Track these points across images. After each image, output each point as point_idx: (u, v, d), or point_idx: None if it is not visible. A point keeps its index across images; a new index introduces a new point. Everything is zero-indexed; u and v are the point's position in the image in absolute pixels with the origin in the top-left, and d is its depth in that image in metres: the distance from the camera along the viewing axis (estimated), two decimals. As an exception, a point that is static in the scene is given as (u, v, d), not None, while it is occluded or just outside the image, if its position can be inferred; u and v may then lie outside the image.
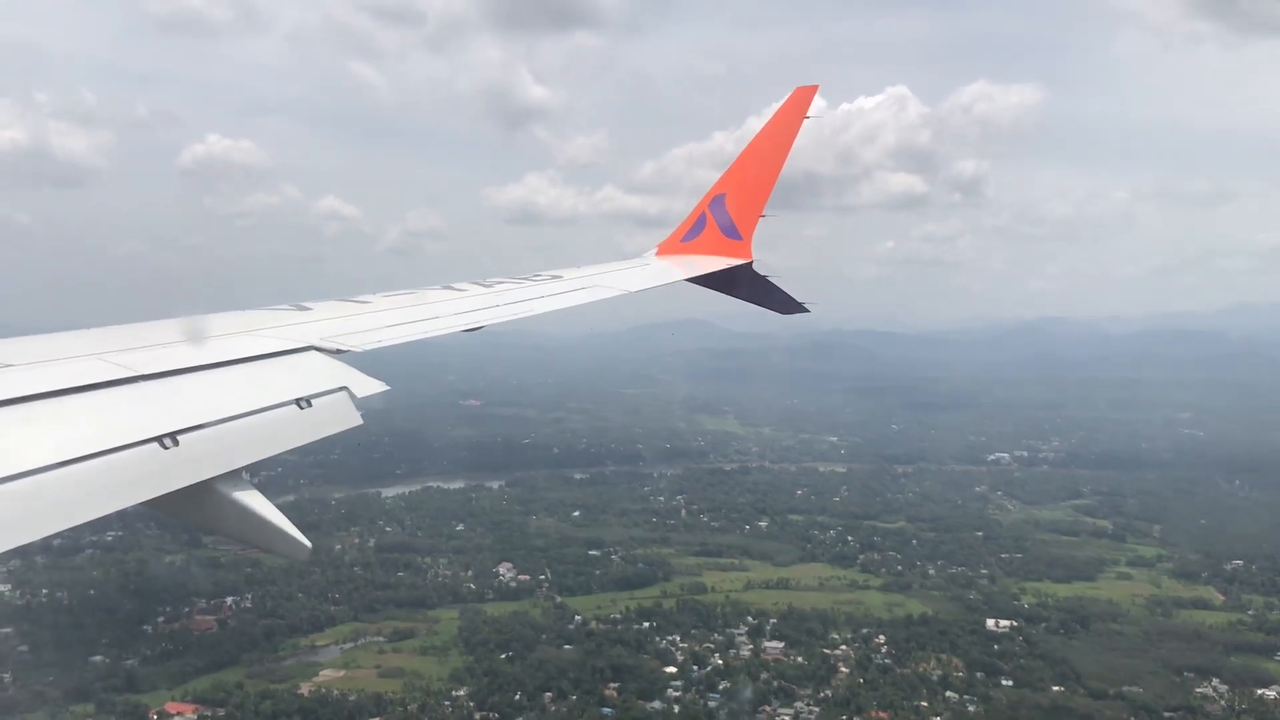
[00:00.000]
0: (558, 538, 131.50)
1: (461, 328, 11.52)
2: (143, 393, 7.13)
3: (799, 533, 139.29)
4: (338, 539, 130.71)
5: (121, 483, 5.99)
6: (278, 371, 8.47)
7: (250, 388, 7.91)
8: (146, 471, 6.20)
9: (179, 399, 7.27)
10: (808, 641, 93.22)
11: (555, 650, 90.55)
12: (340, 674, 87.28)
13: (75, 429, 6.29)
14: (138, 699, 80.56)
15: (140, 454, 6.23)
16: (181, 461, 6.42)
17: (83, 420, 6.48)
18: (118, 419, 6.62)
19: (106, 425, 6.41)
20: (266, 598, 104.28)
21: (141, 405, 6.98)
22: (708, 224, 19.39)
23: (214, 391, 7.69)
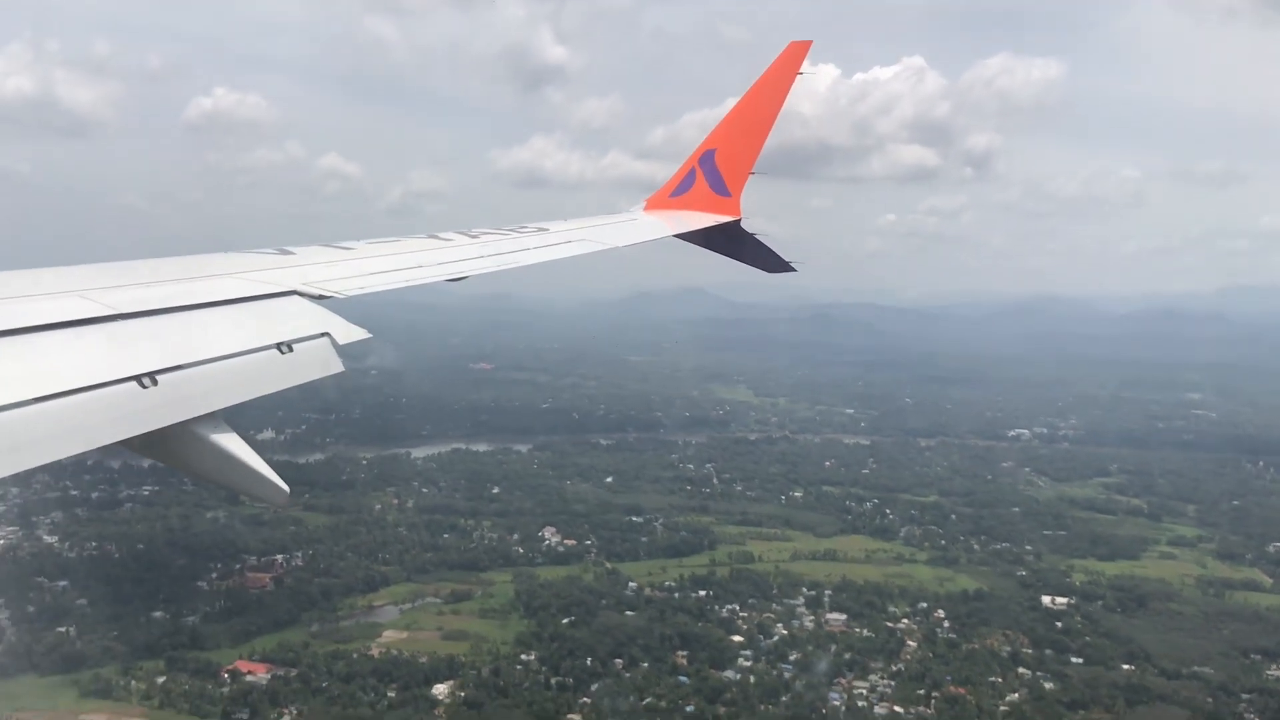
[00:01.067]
0: (597, 504, 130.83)
1: (446, 277, 11.45)
2: (123, 331, 7.07)
3: (836, 504, 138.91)
4: (376, 499, 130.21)
5: (99, 421, 5.94)
6: (259, 315, 8.43)
7: (231, 330, 7.87)
8: (125, 411, 6.13)
9: (159, 339, 7.22)
10: (869, 614, 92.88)
11: (618, 616, 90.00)
12: (403, 635, 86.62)
13: (53, 365, 6.21)
14: (204, 656, 79.76)
15: (119, 392, 6.17)
16: (160, 402, 6.36)
17: (61, 357, 6.42)
18: (97, 357, 6.56)
19: (85, 363, 6.35)
20: (317, 557, 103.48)
21: (121, 344, 6.94)
22: (697, 180, 19.13)
23: (194, 333, 7.61)
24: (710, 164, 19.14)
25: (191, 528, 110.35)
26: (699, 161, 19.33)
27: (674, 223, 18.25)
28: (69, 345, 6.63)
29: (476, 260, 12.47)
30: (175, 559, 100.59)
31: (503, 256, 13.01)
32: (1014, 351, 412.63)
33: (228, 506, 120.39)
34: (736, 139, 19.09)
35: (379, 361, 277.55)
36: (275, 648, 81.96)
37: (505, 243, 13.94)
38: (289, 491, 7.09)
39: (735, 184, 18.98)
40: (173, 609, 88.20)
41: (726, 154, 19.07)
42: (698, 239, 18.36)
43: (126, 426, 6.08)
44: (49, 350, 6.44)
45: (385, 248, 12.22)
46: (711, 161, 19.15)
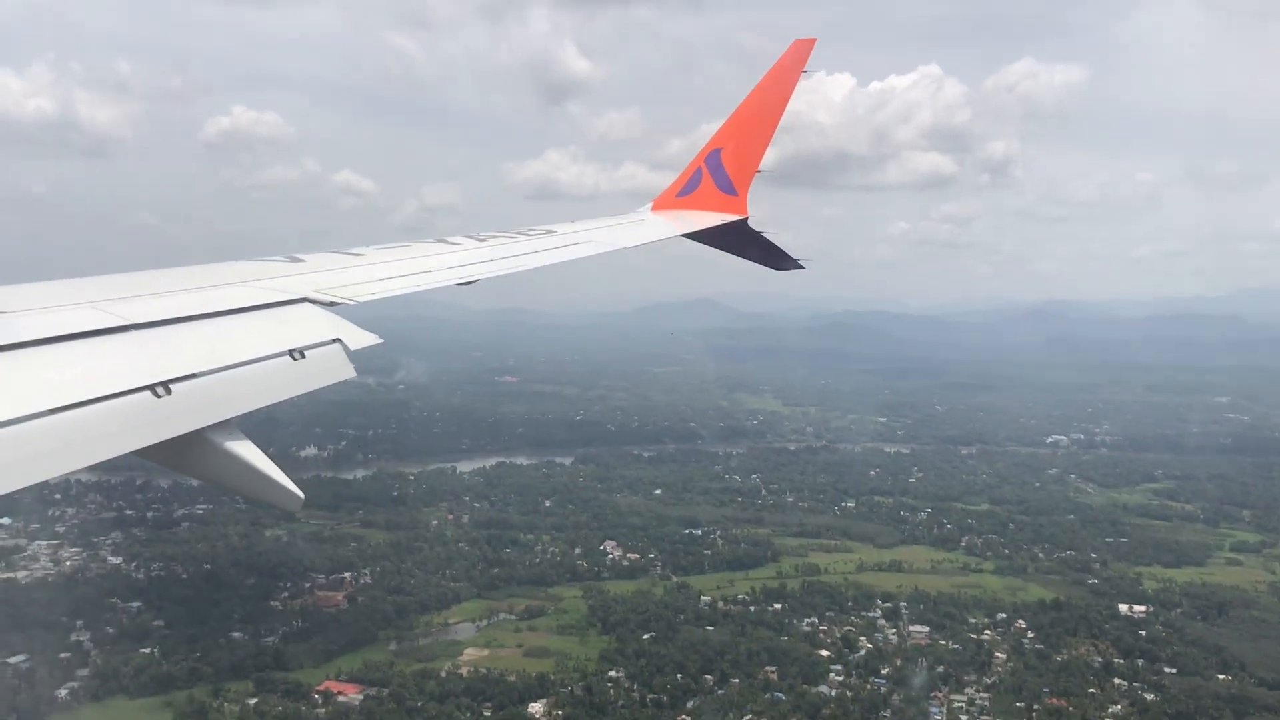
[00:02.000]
0: (652, 517, 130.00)
1: (455, 281, 11.38)
2: (136, 341, 7.11)
3: (890, 515, 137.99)
4: (430, 514, 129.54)
5: (114, 430, 5.93)
6: (271, 322, 8.44)
7: (243, 338, 7.88)
8: (139, 420, 6.14)
9: (172, 348, 7.25)
10: (950, 626, 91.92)
11: (700, 631, 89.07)
12: (484, 653, 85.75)
13: (69, 376, 6.24)
14: (290, 676, 78.89)
15: (133, 402, 6.18)
16: (174, 411, 6.37)
17: (76, 367, 6.45)
18: (111, 367, 6.59)
19: (100, 373, 6.38)
20: (385, 574, 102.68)
21: (135, 354, 6.96)
22: (703, 179, 19.01)
23: (207, 341, 7.65)
24: (716, 163, 19.03)
25: (254, 546, 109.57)
26: (705, 161, 19.20)
27: (681, 223, 18.13)
28: (83, 356, 6.68)
29: (485, 264, 12.31)
30: (244, 579, 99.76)
31: (511, 259, 12.86)
32: (1032, 357, 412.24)
33: (286, 525, 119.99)
34: (742, 138, 18.93)
35: (407, 376, 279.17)
36: (360, 667, 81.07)
37: (513, 245, 13.80)
38: (302, 497, 7.09)
39: (742, 183, 18.81)
40: (250, 629, 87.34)
41: (732, 153, 18.93)
42: (705, 238, 18.23)
43: (141, 436, 6.11)
44: (64, 361, 6.49)
45: (394, 253, 12.17)
46: (718, 161, 19.03)
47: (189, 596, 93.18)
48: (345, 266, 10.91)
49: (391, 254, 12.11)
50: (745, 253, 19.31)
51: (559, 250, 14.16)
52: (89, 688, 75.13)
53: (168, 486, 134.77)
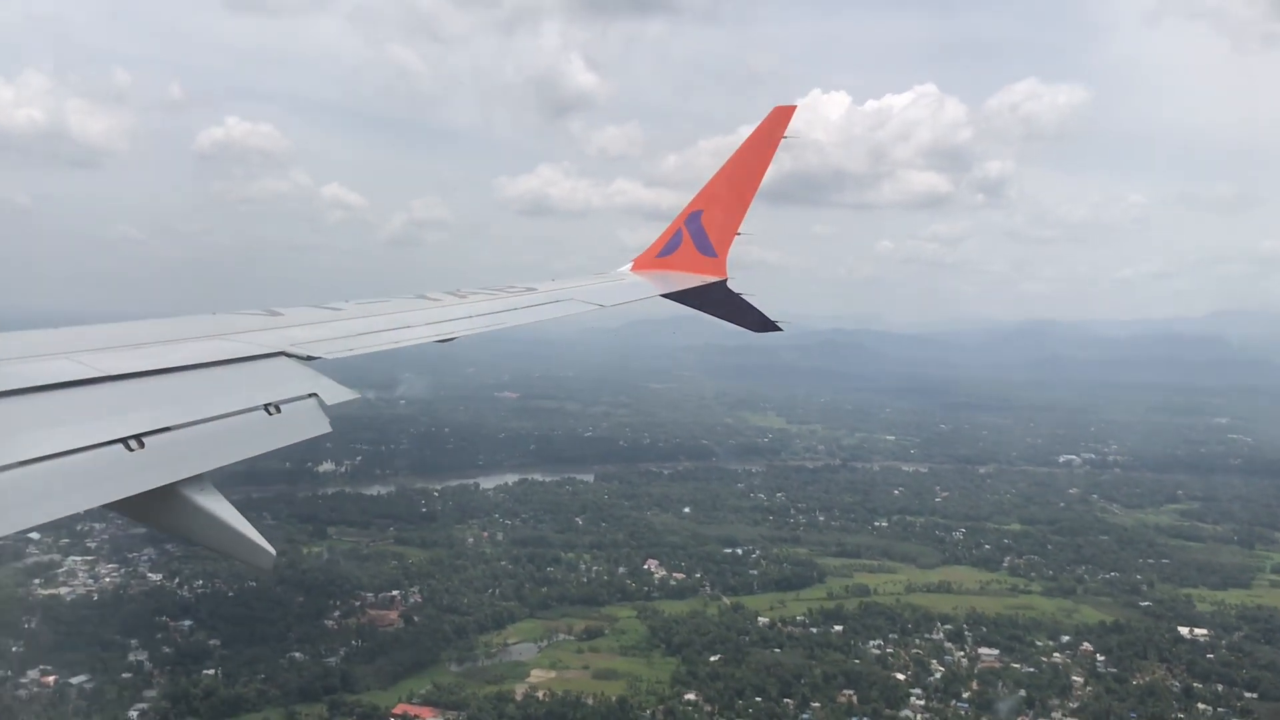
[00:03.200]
0: (689, 535, 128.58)
1: (434, 338, 11.46)
2: (110, 394, 7.06)
3: (925, 535, 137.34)
4: (464, 531, 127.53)
5: (86, 483, 5.88)
6: (247, 376, 8.40)
7: (219, 392, 7.86)
8: (111, 473, 6.09)
9: (146, 401, 7.19)
10: (1017, 648, 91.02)
11: (767, 654, 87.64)
12: (551, 675, 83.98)
13: (40, 428, 6.19)
14: (360, 699, 76.82)
15: (105, 455, 6.14)
16: (147, 464, 6.33)
17: (48, 419, 6.39)
18: (84, 419, 6.51)
19: (72, 425, 6.32)
20: (434, 593, 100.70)
21: (108, 406, 6.90)
22: (684, 240, 19.34)
23: (182, 395, 7.59)
24: (697, 225, 19.29)
25: (297, 564, 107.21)
26: (686, 223, 19.48)
27: (661, 283, 18.42)
28: (56, 408, 6.59)
29: (465, 320, 12.48)
30: (292, 596, 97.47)
31: (491, 316, 13.08)
32: (1024, 377, 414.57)
33: (321, 541, 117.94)
34: (723, 201, 19.24)
35: (408, 391, 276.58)
36: (431, 690, 79.14)
37: (493, 303, 14.04)
38: (274, 554, 6.96)
39: (721, 245, 19.06)
40: (309, 650, 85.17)
41: (713, 215, 19.22)
42: (684, 298, 18.49)
43: (113, 489, 6.01)
44: (36, 413, 6.42)
45: (373, 308, 12.22)
46: (698, 223, 19.29)
47: (241, 615, 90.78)
48: (323, 321, 10.88)
49: (370, 309, 12.11)
50: (723, 313, 19.54)
51: (538, 309, 14.50)
52: (158, 709, 72.77)
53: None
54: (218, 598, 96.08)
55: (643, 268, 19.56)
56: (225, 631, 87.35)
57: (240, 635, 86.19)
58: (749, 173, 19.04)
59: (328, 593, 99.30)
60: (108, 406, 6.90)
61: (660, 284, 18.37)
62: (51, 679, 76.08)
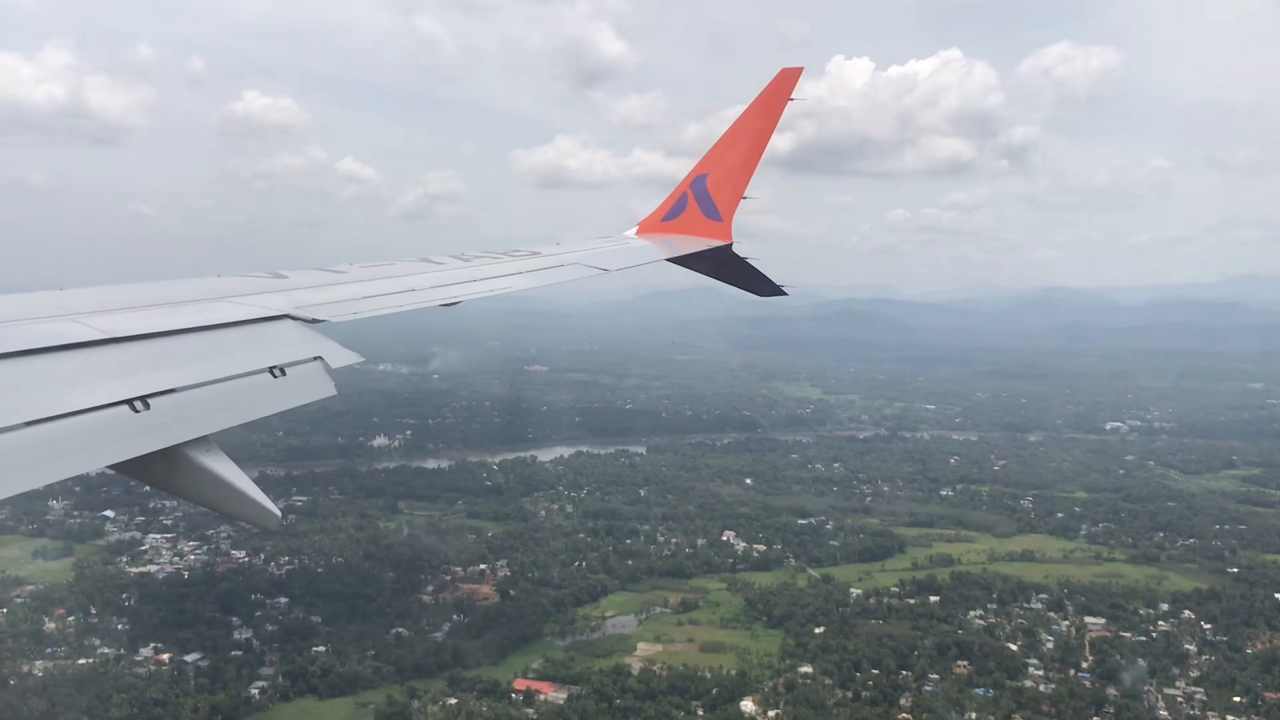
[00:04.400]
0: (760, 507, 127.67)
1: (438, 302, 11.33)
2: (115, 355, 7.02)
3: (994, 502, 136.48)
4: (531, 504, 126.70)
5: (91, 444, 5.83)
6: (252, 339, 8.35)
7: (224, 354, 7.79)
8: (116, 434, 6.03)
9: (151, 363, 7.15)
10: (1120, 617, 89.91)
11: (870, 625, 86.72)
12: (658, 648, 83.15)
13: (46, 389, 6.15)
14: (479, 675, 75.97)
15: (110, 416, 6.08)
16: (152, 426, 6.26)
17: (54, 381, 6.35)
18: (88, 380, 6.47)
19: (77, 387, 6.28)
20: (521, 566, 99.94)
21: (114, 367, 6.84)
22: (689, 204, 19.23)
23: (187, 357, 7.55)
24: (702, 189, 19.15)
25: (379, 539, 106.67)
26: (691, 186, 19.29)
27: (666, 247, 18.27)
28: (62, 369, 6.54)
29: (469, 284, 12.30)
30: (380, 572, 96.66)
31: (496, 280, 12.89)
32: (1048, 344, 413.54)
33: (394, 517, 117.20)
34: (729, 164, 19.06)
35: (442, 366, 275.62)
36: (543, 664, 78.27)
37: (498, 266, 13.85)
38: (280, 515, 6.94)
39: (727, 209, 18.95)
40: (410, 625, 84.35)
41: (718, 179, 19.04)
42: (689, 263, 18.42)
43: (118, 450, 5.97)
44: (42, 374, 6.37)
45: (378, 271, 12.11)
46: (704, 186, 19.14)
47: (335, 591, 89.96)
48: (328, 284, 10.82)
49: (375, 272, 12.01)
50: (728, 277, 19.43)
51: (543, 273, 14.19)
52: (278, 687, 71.95)
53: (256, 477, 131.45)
54: (308, 574, 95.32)
55: (648, 231, 19.41)
56: (323, 609, 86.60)
57: (340, 612, 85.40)
58: (755, 135, 18.76)
59: (415, 567, 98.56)
60: (112, 368, 6.83)
61: (665, 248, 18.17)
62: (166, 656, 75.43)
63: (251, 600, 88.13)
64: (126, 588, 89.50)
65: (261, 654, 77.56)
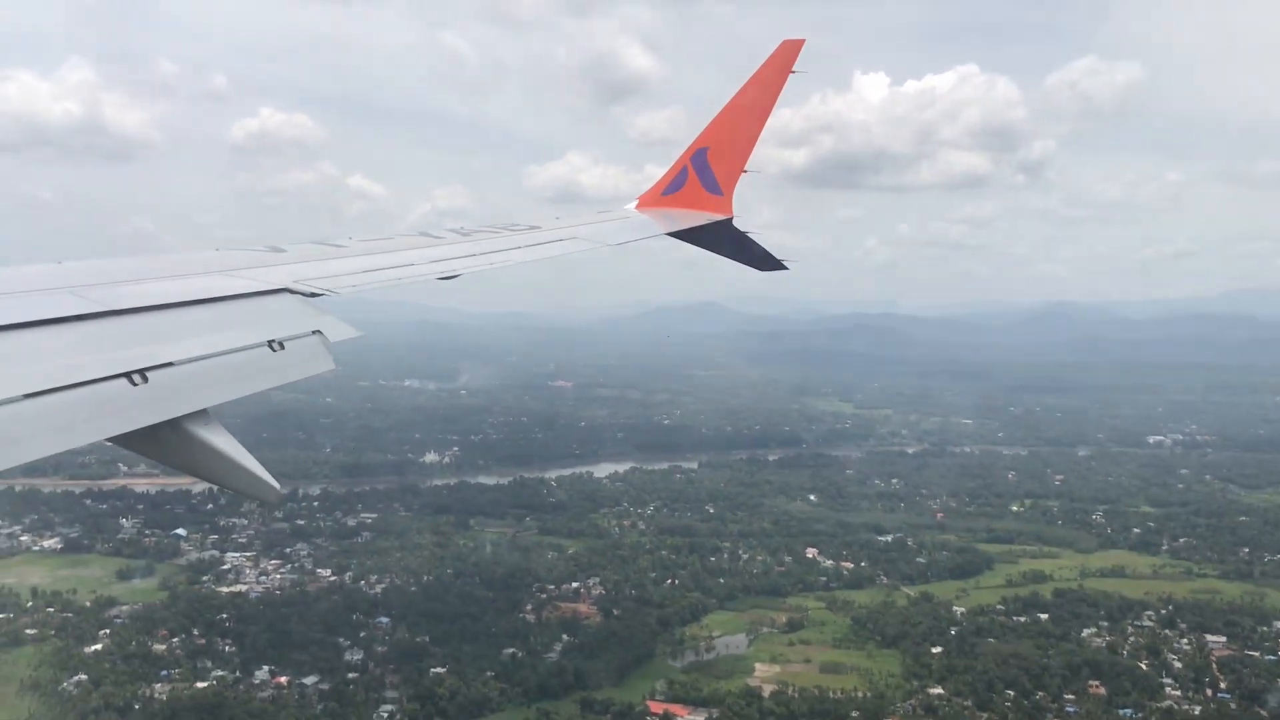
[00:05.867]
0: (835, 523, 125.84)
1: (438, 275, 11.26)
2: (113, 328, 6.96)
3: (1066, 518, 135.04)
4: (601, 520, 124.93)
5: (89, 417, 5.80)
6: (250, 313, 8.27)
7: (222, 328, 7.75)
8: (115, 407, 6.00)
9: (149, 336, 7.09)
10: (1241, 635, 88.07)
11: (988, 644, 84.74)
12: (776, 669, 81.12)
13: (43, 362, 6.07)
14: (610, 697, 73.73)
15: (109, 389, 6.04)
16: (150, 399, 6.23)
17: (51, 353, 6.29)
18: (86, 353, 6.42)
19: (75, 359, 6.22)
20: (615, 585, 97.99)
21: (112, 340, 6.80)
22: (689, 178, 18.95)
23: (185, 330, 7.48)
24: (703, 162, 18.88)
25: (463, 556, 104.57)
26: (691, 159, 19.00)
27: (666, 221, 18.06)
28: (59, 341, 6.48)
29: (467, 259, 12.13)
30: (471, 590, 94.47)
31: (495, 254, 12.68)
32: (1064, 358, 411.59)
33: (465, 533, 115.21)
34: (729, 137, 18.77)
35: (470, 382, 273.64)
36: (665, 686, 76.13)
37: (497, 241, 13.60)
38: (279, 489, 6.86)
39: (727, 182, 18.70)
40: (520, 645, 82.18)
41: (719, 152, 18.77)
42: (689, 237, 18.12)
43: (116, 423, 5.91)
44: (39, 346, 6.29)
45: (377, 245, 11.92)
46: (704, 159, 18.88)
47: (436, 610, 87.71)
48: (327, 258, 10.66)
49: (374, 246, 11.83)
50: (728, 252, 19.17)
51: (543, 246, 13.94)
52: (406, 710, 69.73)
53: (317, 494, 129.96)
54: (401, 593, 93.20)
55: (647, 205, 19.06)
56: (428, 629, 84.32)
57: (448, 633, 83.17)
58: (757, 108, 18.37)
59: (508, 586, 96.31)
60: (110, 341, 6.75)
61: (665, 222, 17.93)
62: (284, 679, 73.18)
63: (353, 620, 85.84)
64: (222, 608, 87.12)
65: (380, 676, 75.26)
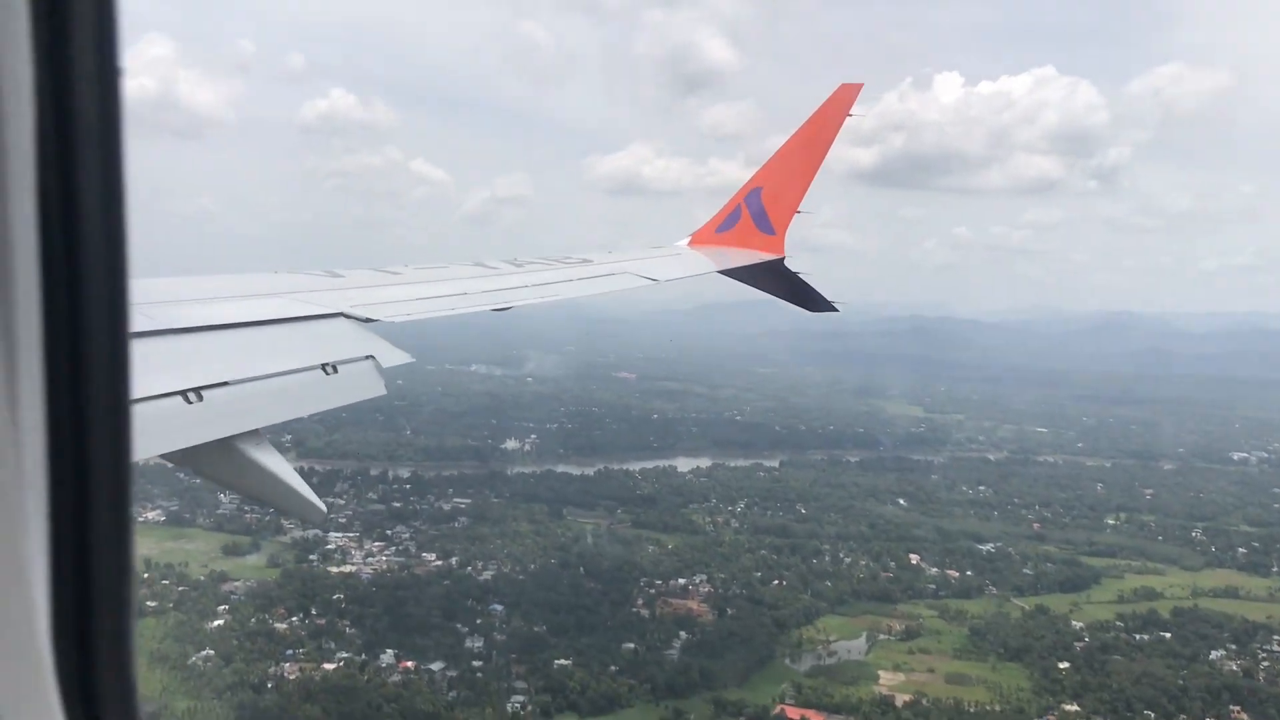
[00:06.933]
0: (933, 529, 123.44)
1: (490, 306, 11.25)
2: (170, 346, 6.96)
3: (1165, 533, 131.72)
4: (695, 516, 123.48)
5: (145, 433, 5.69)
6: (306, 336, 8.36)
7: (278, 349, 7.81)
8: (171, 424, 5.99)
9: (206, 355, 7.15)
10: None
11: (1124, 663, 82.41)
12: (901, 678, 79.47)
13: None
14: (729, 697, 72.60)
15: (165, 406, 6.05)
16: (205, 417, 6.24)
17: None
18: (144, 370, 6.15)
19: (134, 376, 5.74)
20: (721, 583, 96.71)
21: (168, 358, 6.79)
22: (742, 216, 19.04)
23: (241, 351, 7.53)
24: (756, 202, 18.94)
25: (564, 546, 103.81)
26: (745, 199, 19.13)
27: (718, 259, 18.18)
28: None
29: (521, 290, 12.18)
30: (582, 582, 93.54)
31: (547, 287, 12.75)
32: (1124, 369, 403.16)
33: (560, 521, 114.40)
34: (784, 178, 18.84)
35: (536, 370, 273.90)
36: (795, 691, 74.67)
37: (549, 273, 13.73)
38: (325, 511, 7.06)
39: (780, 223, 18.73)
40: (637, 640, 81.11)
41: (773, 193, 18.81)
42: (741, 275, 18.32)
43: (171, 440, 5.93)
44: None
45: (432, 274, 11.96)
46: (758, 199, 18.95)
47: (550, 601, 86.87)
48: (382, 284, 10.73)
49: (430, 274, 11.92)
50: (779, 292, 19.33)
51: (595, 280, 14.09)
52: (539, 703, 68.80)
53: (407, 476, 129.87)
54: (510, 581, 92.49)
55: (700, 243, 19.26)
56: (540, 618, 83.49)
57: (564, 624, 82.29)
58: (812, 151, 18.48)
59: (614, 578, 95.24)
60: (168, 359, 6.75)
61: (717, 260, 18.09)
62: (411, 664, 72.56)
63: (467, 607, 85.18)
64: (335, 588, 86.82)
65: (505, 666, 74.44)
